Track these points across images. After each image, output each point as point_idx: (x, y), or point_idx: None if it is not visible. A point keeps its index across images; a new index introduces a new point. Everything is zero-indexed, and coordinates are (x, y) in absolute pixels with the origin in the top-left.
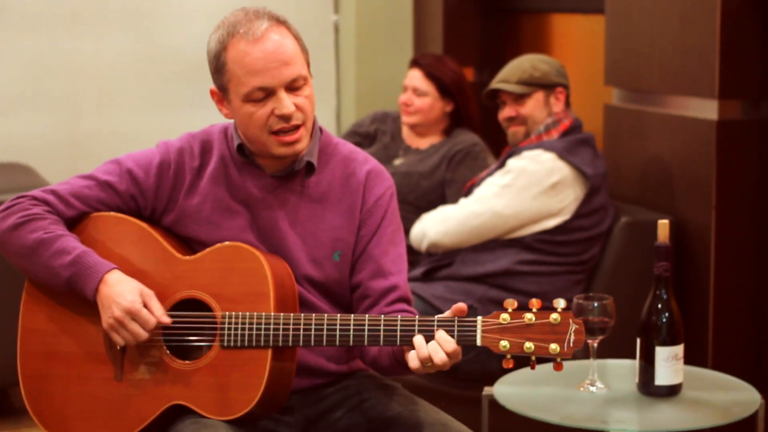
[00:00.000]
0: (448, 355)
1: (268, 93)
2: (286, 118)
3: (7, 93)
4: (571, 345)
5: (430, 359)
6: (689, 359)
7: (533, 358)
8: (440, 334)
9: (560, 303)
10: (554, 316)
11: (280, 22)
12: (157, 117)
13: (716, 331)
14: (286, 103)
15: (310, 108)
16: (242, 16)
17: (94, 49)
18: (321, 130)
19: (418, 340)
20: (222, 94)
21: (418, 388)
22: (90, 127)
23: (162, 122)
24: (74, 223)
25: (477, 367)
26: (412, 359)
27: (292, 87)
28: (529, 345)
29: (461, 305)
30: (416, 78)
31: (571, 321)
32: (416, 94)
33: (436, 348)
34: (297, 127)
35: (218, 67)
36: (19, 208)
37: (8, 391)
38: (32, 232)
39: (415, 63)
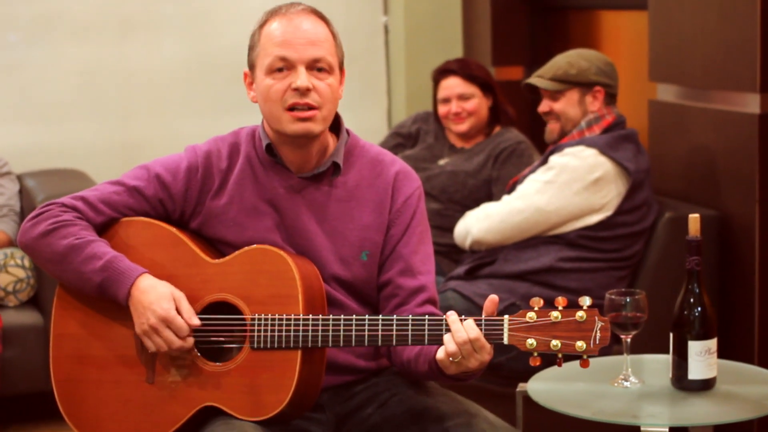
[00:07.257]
0: (471, 341)
1: (289, 66)
2: (301, 91)
3: (61, 100)
4: (597, 342)
5: (458, 351)
6: (735, 354)
7: (560, 355)
8: (467, 322)
9: (585, 301)
10: (580, 314)
11: (321, 15)
12: (208, 122)
13: (762, 325)
14: (303, 77)
15: (329, 96)
16: (284, 3)
17: (146, 56)
18: (348, 132)
19: (448, 337)
20: (251, 73)
21: (461, 384)
22: (142, 133)
23: (213, 127)
24: (104, 228)
25: (520, 365)
26: (442, 359)
27: (315, 68)
28: (555, 343)
29: (493, 297)
30: (457, 85)
31: (596, 318)
32: (463, 100)
33: (459, 330)
34: (311, 108)
35: (252, 44)
36: (49, 215)
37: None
38: (63, 238)
39: (447, 72)
